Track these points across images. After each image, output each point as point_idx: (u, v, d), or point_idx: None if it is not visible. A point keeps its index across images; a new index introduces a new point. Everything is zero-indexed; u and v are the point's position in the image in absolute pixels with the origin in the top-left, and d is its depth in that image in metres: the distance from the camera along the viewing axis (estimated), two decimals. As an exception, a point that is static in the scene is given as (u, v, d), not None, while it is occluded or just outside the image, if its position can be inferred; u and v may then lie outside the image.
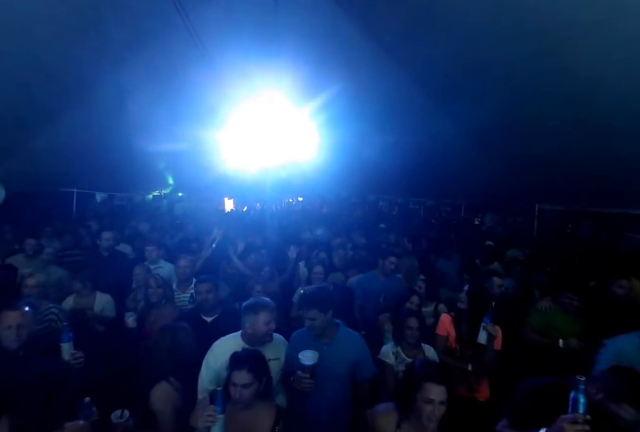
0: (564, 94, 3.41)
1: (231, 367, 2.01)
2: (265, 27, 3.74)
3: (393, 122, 5.48)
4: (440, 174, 7.24)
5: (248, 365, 1.98)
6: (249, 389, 1.95)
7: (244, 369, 1.95)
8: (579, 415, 1.50)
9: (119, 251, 4.71)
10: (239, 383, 1.94)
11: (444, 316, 3.21)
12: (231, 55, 4.13)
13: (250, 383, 1.95)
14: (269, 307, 2.40)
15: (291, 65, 4.24)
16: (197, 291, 3.06)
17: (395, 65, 4.17)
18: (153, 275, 3.43)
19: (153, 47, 3.97)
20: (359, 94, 4.84)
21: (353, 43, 3.93)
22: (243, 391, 1.94)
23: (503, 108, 4.11)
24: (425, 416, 1.76)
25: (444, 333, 3.10)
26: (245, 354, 2.10)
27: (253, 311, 2.35)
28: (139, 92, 4.69)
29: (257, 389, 1.99)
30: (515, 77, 3.45)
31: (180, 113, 5.47)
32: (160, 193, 10.94)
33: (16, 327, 2.22)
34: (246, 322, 2.36)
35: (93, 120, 5.02)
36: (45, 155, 5.51)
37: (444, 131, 5.20)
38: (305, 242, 6.02)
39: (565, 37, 2.73)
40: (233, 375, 1.97)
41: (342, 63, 4.31)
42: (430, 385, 1.78)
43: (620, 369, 1.90)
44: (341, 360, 2.42)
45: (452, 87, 4.18)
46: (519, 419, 1.75)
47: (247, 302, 2.45)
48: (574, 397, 1.53)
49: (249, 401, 1.98)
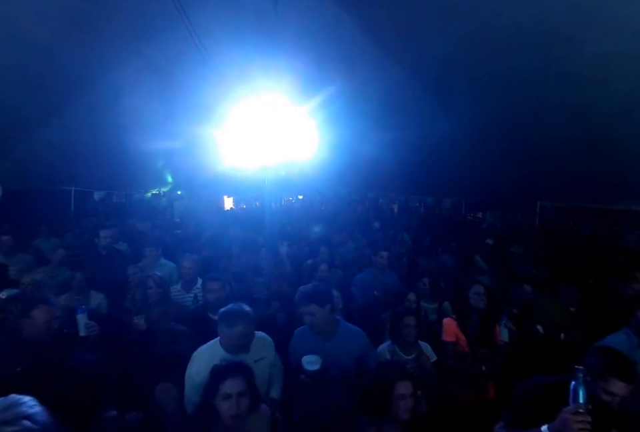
0: (565, 90, 3.40)
1: (221, 378, 1.78)
2: (264, 26, 3.72)
3: (392, 119, 5.46)
4: (440, 171, 7.22)
5: (242, 371, 1.81)
6: (245, 398, 1.76)
7: (239, 376, 1.78)
8: (580, 405, 1.50)
9: (117, 249, 4.67)
10: (233, 393, 1.74)
11: (448, 321, 3.03)
12: (230, 53, 4.11)
13: (245, 392, 1.77)
14: (246, 319, 2.19)
15: (289, 63, 4.23)
16: (209, 289, 3.01)
17: (393, 63, 4.15)
18: (150, 274, 3.39)
19: (152, 46, 3.93)
20: (357, 92, 4.81)
21: (351, 41, 3.90)
22: (241, 401, 1.74)
23: (502, 105, 4.09)
24: (400, 411, 1.91)
25: (452, 339, 2.93)
26: (233, 363, 1.92)
27: (227, 324, 2.16)
28: (138, 90, 4.66)
29: (252, 398, 1.81)
30: (514, 73, 3.43)
31: (179, 111, 5.45)
32: (159, 191, 10.92)
33: (50, 320, 2.28)
34: (222, 330, 2.19)
35: (92, 118, 5.00)
36: (42, 153, 5.50)
37: (443, 128, 5.17)
38: (305, 240, 6.01)
39: (566, 32, 2.71)
40: (225, 385, 1.75)
41: (340, 61, 4.28)
42: (401, 383, 1.95)
43: (602, 348, 1.92)
44: (343, 356, 2.40)
45: (451, 84, 4.16)
46: (515, 420, 1.76)
47: (222, 310, 2.24)
48: (574, 387, 1.53)
49: (244, 414, 1.77)
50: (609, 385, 1.69)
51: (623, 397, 1.69)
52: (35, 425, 1.26)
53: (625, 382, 1.68)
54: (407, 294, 3.41)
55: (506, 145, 5.12)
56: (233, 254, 4.93)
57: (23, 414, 1.27)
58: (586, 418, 1.48)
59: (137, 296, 3.33)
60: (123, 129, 5.46)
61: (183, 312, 3.23)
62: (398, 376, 1.99)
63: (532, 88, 3.55)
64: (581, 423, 1.47)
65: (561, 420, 1.51)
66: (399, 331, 2.77)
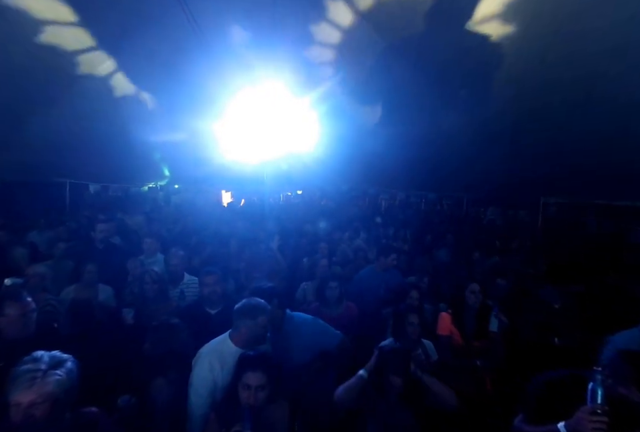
0: (571, 84, 3.35)
1: (243, 368, 1.90)
2: (264, 14, 3.60)
3: (394, 113, 5.36)
4: (442, 166, 7.14)
5: (263, 365, 1.89)
6: (264, 392, 1.85)
7: (259, 369, 1.86)
8: (597, 405, 1.50)
9: (113, 243, 4.60)
10: (253, 385, 1.84)
11: (443, 315, 3.12)
12: (230, 43, 4.00)
13: (265, 385, 1.85)
14: (265, 311, 2.30)
15: (291, 54, 4.11)
16: (204, 283, 3.03)
17: (398, 55, 4.04)
18: (147, 270, 3.35)
19: (149, 34, 3.82)
20: (360, 85, 4.71)
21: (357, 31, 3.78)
22: (259, 394, 1.84)
23: (507, 99, 4.02)
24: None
25: (447, 333, 3.02)
26: (258, 354, 2.00)
27: (250, 317, 2.24)
28: (134, 81, 4.55)
29: (271, 391, 1.89)
30: (520, 67, 3.37)
31: (176, 102, 5.33)
32: (156, 185, 10.80)
33: (21, 315, 2.24)
34: (242, 326, 2.26)
35: (87, 109, 4.87)
36: (36, 144, 5.40)
37: (447, 122, 5.10)
38: (305, 235, 5.93)
39: (575, 27, 2.63)
40: (247, 376, 1.86)
41: (344, 52, 4.17)
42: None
43: (627, 353, 1.92)
44: (293, 345, 2.52)
45: (456, 78, 4.07)
46: (536, 412, 1.74)
47: (241, 305, 2.33)
48: (592, 388, 1.53)
49: (262, 405, 1.86)
50: (630, 393, 1.67)
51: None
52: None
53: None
54: (409, 291, 3.37)
55: (511, 140, 5.05)
56: (232, 249, 4.87)
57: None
58: (603, 418, 1.48)
59: (135, 290, 3.32)
60: (119, 120, 5.35)
61: (180, 307, 3.22)
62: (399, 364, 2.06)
63: (539, 83, 3.50)
64: (597, 423, 1.47)
65: (578, 419, 1.51)
66: (402, 328, 2.74)
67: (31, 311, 2.31)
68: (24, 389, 1.42)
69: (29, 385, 1.43)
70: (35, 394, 1.43)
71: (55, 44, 3.57)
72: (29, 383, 1.43)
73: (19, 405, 1.42)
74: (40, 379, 1.45)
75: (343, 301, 3.36)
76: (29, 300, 2.34)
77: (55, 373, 1.49)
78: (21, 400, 1.42)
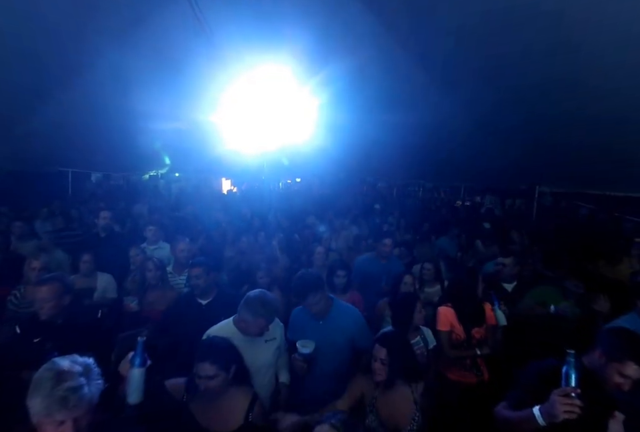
0: (569, 78, 3.35)
1: (196, 358, 1.90)
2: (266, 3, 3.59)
3: (393, 102, 5.36)
4: (440, 155, 7.16)
5: (212, 356, 1.87)
6: (215, 381, 1.86)
7: (207, 360, 1.86)
8: (570, 388, 1.52)
9: (116, 231, 4.68)
10: (203, 375, 1.85)
11: (443, 309, 2.95)
12: (231, 32, 3.97)
13: (214, 375, 1.85)
14: (270, 309, 2.27)
15: (291, 43, 4.10)
16: (189, 275, 3.00)
17: (399, 42, 4.04)
18: (150, 257, 3.40)
19: (150, 23, 3.78)
20: (359, 72, 4.70)
21: (356, 18, 3.78)
22: (209, 383, 1.86)
23: (506, 89, 4.02)
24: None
25: (447, 328, 2.88)
26: (209, 343, 2.00)
27: (253, 314, 2.23)
28: (135, 70, 4.54)
29: (225, 378, 1.90)
30: (520, 57, 3.36)
31: (177, 91, 5.31)
32: (156, 173, 10.83)
33: (53, 299, 2.27)
34: (245, 317, 2.25)
35: (90, 99, 4.88)
36: (39, 134, 5.41)
37: (446, 111, 5.10)
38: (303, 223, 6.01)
39: (578, 20, 2.64)
40: (197, 366, 1.87)
41: (344, 39, 4.17)
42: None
43: (620, 330, 1.89)
44: (337, 334, 2.49)
45: (456, 66, 4.07)
46: (518, 400, 1.76)
47: (252, 296, 2.29)
48: (565, 371, 1.55)
49: (218, 391, 1.90)
50: (624, 367, 1.68)
51: (635, 381, 1.68)
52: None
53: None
54: (402, 277, 3.34)
55: (508, 129, 5.07)
56: (228, 239, 4.95)
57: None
58: (575, 401, 1.50)
59: (137, 277, 3.38)
60: (120, 110, 5.35)
61: (176, 296, 3.22)
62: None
63: (538, 73, 3.48)
64: (568, 406, 1.50)
65: (551, 402, 1.53)
66: (403, 315, 2.72)
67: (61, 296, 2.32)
68: (61, 407, 1.26)
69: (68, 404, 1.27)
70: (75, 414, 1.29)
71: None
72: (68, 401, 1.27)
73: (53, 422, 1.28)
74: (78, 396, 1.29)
75: (348, 290, 3.37)
76: (58, 283, 2.36)
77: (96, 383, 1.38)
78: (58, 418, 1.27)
